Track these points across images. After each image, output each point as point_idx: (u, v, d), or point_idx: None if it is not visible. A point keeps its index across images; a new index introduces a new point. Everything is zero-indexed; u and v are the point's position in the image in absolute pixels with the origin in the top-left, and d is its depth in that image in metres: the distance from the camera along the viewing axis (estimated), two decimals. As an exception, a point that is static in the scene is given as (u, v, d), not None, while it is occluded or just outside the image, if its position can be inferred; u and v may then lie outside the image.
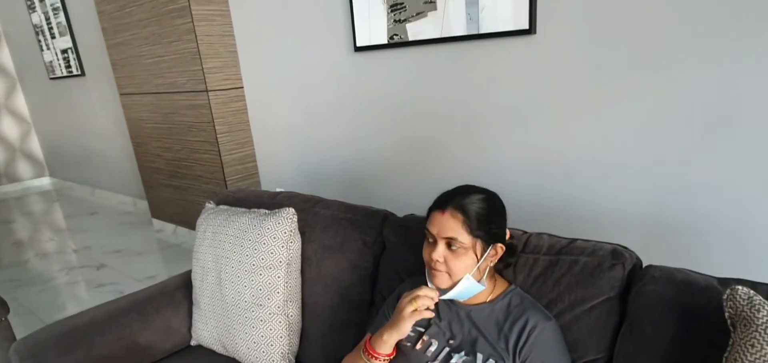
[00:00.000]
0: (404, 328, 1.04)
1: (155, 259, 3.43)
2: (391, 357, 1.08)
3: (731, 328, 0.82)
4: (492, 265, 1.09)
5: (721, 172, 1.55)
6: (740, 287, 0.82)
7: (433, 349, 1.06)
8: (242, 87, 3.13)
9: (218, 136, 3.04)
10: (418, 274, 1.27)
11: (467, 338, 1.06)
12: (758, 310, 0.78)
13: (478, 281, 1.05)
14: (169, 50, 3.07)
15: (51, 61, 4.85)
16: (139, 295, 1.59)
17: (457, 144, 2.21)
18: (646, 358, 0.95)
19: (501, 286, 1.13)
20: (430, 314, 1.04)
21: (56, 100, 5.15)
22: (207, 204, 1.66)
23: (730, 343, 0.81)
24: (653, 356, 0.94)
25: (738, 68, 1.44)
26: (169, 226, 3.83)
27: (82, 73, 4.51)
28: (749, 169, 1.50)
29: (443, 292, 1.05)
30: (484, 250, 1.04)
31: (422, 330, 1.11)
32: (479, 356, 1.01)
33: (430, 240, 1.06)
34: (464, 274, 1.03)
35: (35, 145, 5.89)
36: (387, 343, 1.06)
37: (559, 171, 1.92)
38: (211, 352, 1.55)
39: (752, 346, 0.76)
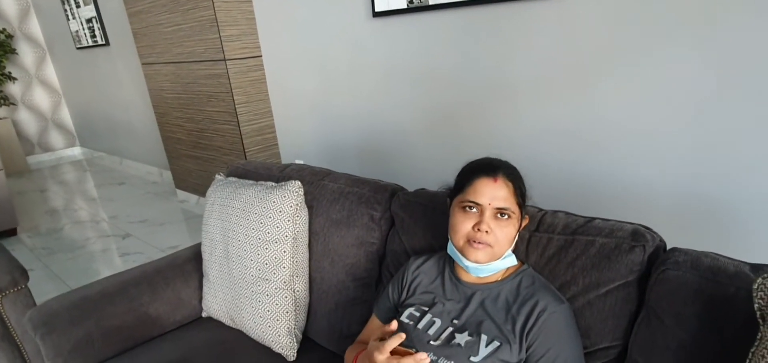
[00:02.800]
0: None
1: (179, 230, 3.48)
2: None
3: (760, 320, 0.73)
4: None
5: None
6: (773, 276, 0.73)
7: (435, 327, 1.02)
8: (261, 56, 3.09)
9: (237, 106, 3.01)
10: (426, 251, 1.22)
11: (472, 318, 1.01)
12: (793, 303, 0.69)
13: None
14: (186, 18, 3.03)
15: (77, 31, 4.90)
16: (148, 267, 1.59)
17: (477, 114, 2.12)
18: (665, 351, 0.87)
19: (513, 265, 1.07)
20: None
21: (84, 70, 5.22)
22: (217, 176, 1.64)
23: (759, 337, 0.73)
24: (673, 349, 0.86)
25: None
26: (193, 197, 3.87)
27: (107, 43, 4.55)
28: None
29: (476, 269, 1.01)
30: (520, 222, 1.04)
31: (426, 308, 1.06)
32: (483, 337, 0.96)
33: (472, 209, 1.00)
34: (508, 245, 1.01)
35: (66, 116, 6.03)
36: None
37: (585, 144, 1.81)
38: (219, 325, 1.54)
39: (784, 342, 0.68)
